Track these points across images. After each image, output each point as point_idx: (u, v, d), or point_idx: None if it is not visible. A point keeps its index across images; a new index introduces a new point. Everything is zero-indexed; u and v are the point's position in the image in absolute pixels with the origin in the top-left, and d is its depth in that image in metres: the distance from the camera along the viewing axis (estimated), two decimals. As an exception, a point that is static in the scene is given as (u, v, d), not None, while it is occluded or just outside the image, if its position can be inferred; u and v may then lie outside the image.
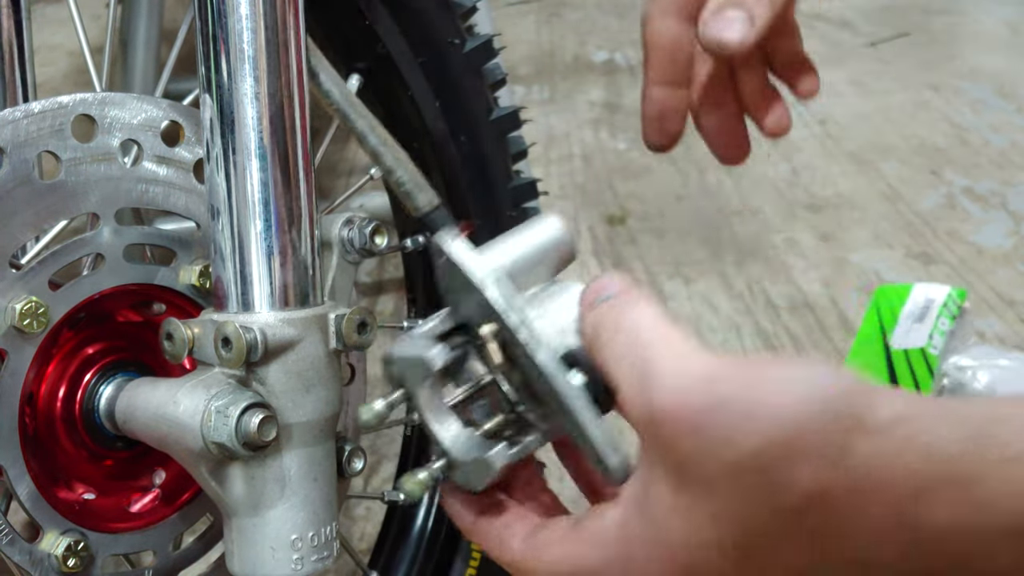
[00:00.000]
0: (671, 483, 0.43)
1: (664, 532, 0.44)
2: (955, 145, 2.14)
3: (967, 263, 1.71)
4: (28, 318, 0.54)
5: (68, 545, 0.57)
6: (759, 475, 0.40)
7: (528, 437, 0.52)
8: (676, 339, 0.44)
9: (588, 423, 0.47)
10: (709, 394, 0.41)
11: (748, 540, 0.41)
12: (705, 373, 0.42)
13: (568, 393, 0.47)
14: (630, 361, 0.44)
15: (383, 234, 0.62)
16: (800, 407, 0.40)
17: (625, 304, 0.47)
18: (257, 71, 0.54)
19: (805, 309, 1.61)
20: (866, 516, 0.39)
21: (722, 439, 0.40)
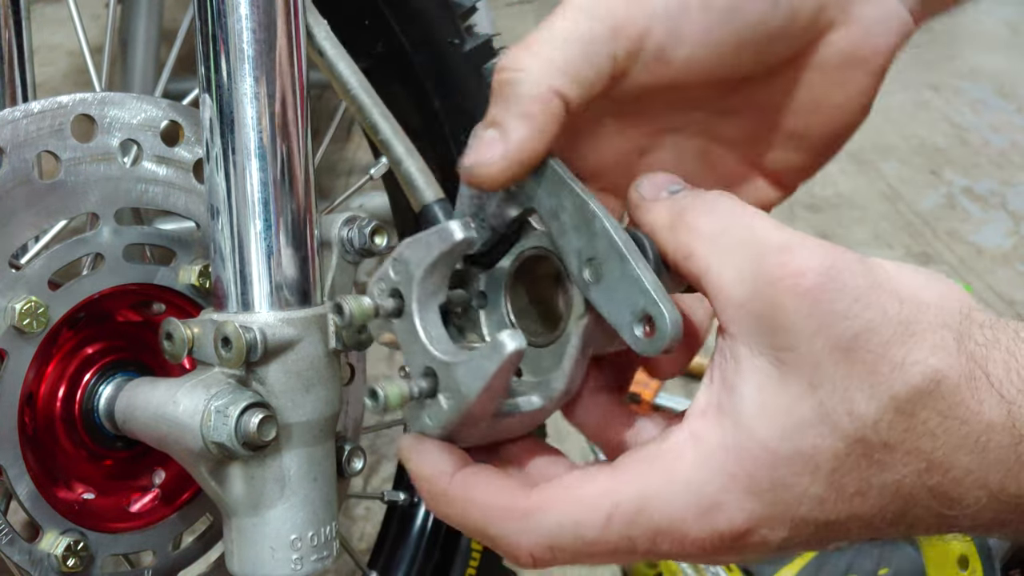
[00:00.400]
0: (771, 373, 0.40)
1: (753, 436, 0.41)
2: (955, 145, 2.14)
3: (967, 263, 1.71)
4: (28, 318, 0.54)
5: (68, 545, 0.57)
6: (874, 353, 0.39)
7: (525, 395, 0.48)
8: (783, 227, 0.42)
9: (643, 272, 0.43)
10: (829, 269, 0.40)
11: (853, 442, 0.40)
12: (822, 252, 0.40)
13: (623, 238, 0.44)
14: (736, 239, 0.42)
15: (383, 234, 0.62)
16: (920, 286, 0.40)
17: (708, 193, 0.44)
18: (257, 71, 0.54)
19: (805, 309, 1.61)
20: (981, 411, 0.39)
21: (841, 312, 0.39)
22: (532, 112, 0.45)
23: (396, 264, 0.49)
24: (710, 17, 0.46)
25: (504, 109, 0.45)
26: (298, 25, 0.55)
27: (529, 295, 0.51)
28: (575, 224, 0.45)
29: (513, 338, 0.44)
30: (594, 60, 0.45)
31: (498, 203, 0.49)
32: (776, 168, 0.54)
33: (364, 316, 0.49)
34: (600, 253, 0.44)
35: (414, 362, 0.48)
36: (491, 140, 0.45)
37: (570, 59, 0.45)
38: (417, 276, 0.48)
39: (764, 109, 0.53)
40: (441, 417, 0.47)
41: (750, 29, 0.47)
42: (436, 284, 0.49)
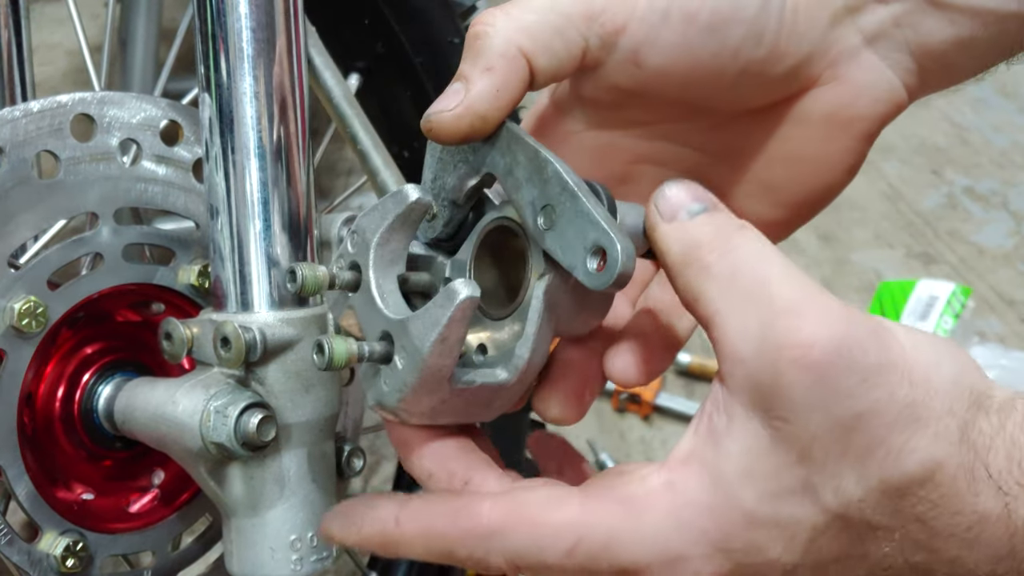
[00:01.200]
0: (762, 437, 0.39)
1: (733, 496, 0.40)
2: (956, 145, 2.14)
3: (968, 263, 1.71)
4: (27, 318, 0.54)
5: (67, 545, 0.57)
6: (874, 436, 0.37)
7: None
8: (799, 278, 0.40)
9: (594, 207, 0.43)
10: (840, 345, 0.38)
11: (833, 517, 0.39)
12: (834, 320, 0.38)
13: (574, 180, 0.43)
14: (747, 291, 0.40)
15: (383, 234, 0.62)
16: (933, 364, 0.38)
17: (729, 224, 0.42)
18: (256, 70, 0.54)
19: (805, 309, 1.61)
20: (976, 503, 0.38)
21: (846, 391, 0.38)
22: (496, 67, 0.44)
23: (354, 236, 0.48)
24: (689, 30, 0.46)
25: (471, 63, 0.45)
26: (298, 24, 0.55)
27: (494, 276, 0.51)
28: (528, 176, 0.45)
29: (466, 285, 0.43)
30: (565, 35, 0.45)
31: (456, 177, 0.48)
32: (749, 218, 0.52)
33: (317, 284, 0.48)
34: (553, 197, 0.44)
35: (371, 331, 0.47)
36: (454, 92, 0.45)
37: (541, 26, 0.45)
38: (373, 243, 0.47)
39: (739, 153, 0.52)
40: (397, 380, 0.45)
41: (729, 54, 0.47)
42: (394, 251, 0.48)
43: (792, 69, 0.49)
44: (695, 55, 0.47)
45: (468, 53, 0.45)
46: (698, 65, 0.47)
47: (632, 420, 1.37)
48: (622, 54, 0.46)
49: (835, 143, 0.50)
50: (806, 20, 0.48)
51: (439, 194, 0.49)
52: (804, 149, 0.51)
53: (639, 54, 0.46)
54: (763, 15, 0.47)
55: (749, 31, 0.47)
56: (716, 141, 0.52)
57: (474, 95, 0.44)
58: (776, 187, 0.52)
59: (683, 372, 1.44)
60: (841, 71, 0.49)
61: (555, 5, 0.45)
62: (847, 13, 0.49)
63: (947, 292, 1.44)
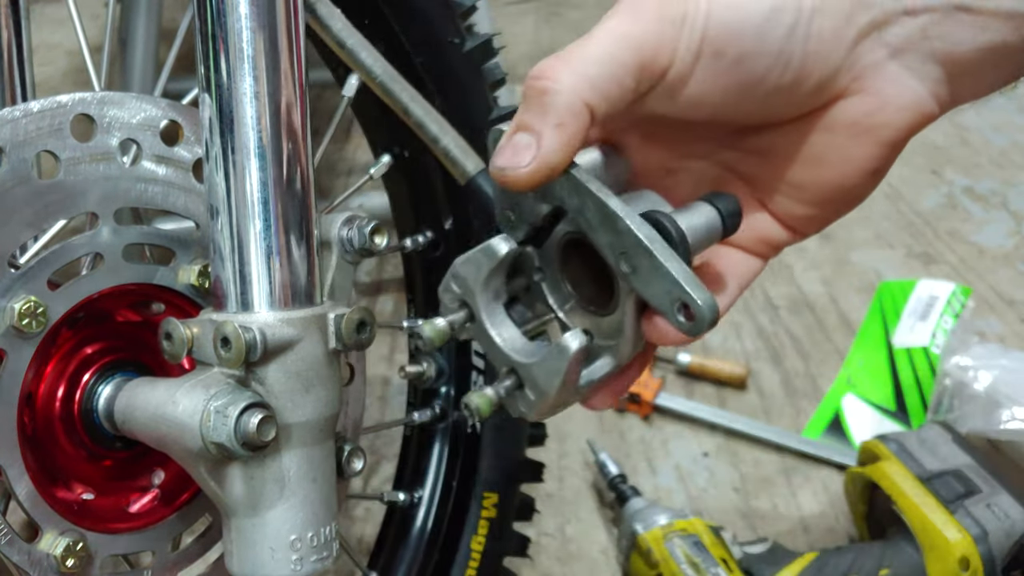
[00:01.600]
0: None
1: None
2: (956, 144, 2.14)
3: (968, 263, 1.71)
4: (27, 318, 0.54)
5: (67, 545, 0.57)
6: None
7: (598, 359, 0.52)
8: None
9: (671, 263, 0.47)
10: None
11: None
12: None
13: (646, 234, 0.47)
14: None
15: (383, 234, 0.62)
16: None
17: None
18: (256, 70, 0.54)
19: (805, 309, 1.61)
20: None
21: None
22: (566, 122, 0.47)
23: (456, 279, 0.53)
24: (719, 66, 0.49)
25: (539, 117, 0.48)
26: (298, 25, 0.55)
27: (580, 262, 0.54)
28: (600, 222, 0.48)
29: (575, 337, 0.49)
30: (622, 83, 0.48)
31: (531, 201, 0.52)
32: (781, 213, 0.56)
33: (443, 337, 0.53)
34: (629, 248, 0.47)
35: (496, 362, 0.53)
36: (526, 145, 0.48)
37: (603, 78, 0.48)
38: (477, 290, 0.53)
39: (769, 155, 0.54)
40: (532, 406, 0.52)
41: (756, 82, 0.49)
42: (495, 290, 0.54)
43: (817, 86, 0.51)
44: (723, 85, 0.50)
45: (534, 106, 0.48)
46: (728, 93, 0.50)
47: (632, 420, 1.37)
48: (661, 90, 0.50)
49: (859, 149, 0.52)
50: (831, 40, 0.49)
51: (514, 207, 0.53)
52: (830, 153, 0.53)
53: (675, 90, 0.50)
54: (788, 45, 0.49)
55: (776, 61, 0.49)
56: (748, 144, 0.54)
57: (546, 150, 0.48)
58: (803, 186, 0.54)
59: (683, 372, 1.44)
60: (867, 84, 0.51)
61: (613, 55, 0.48)
62: (873, 28, 0.50)
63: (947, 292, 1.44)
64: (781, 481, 1.26)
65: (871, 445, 1.11)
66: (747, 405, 1.40)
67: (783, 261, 1.73)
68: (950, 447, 1.08)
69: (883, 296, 1.49)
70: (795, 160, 0.54)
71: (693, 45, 0.48)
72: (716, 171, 0.56)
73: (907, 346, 1.38)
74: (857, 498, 1.12)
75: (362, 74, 0.58)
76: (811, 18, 0.49)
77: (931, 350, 1.36)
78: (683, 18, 0.48)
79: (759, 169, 0.55)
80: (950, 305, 1.42)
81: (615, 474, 1.19)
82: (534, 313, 0.55)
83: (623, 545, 1.11)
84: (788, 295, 1.64)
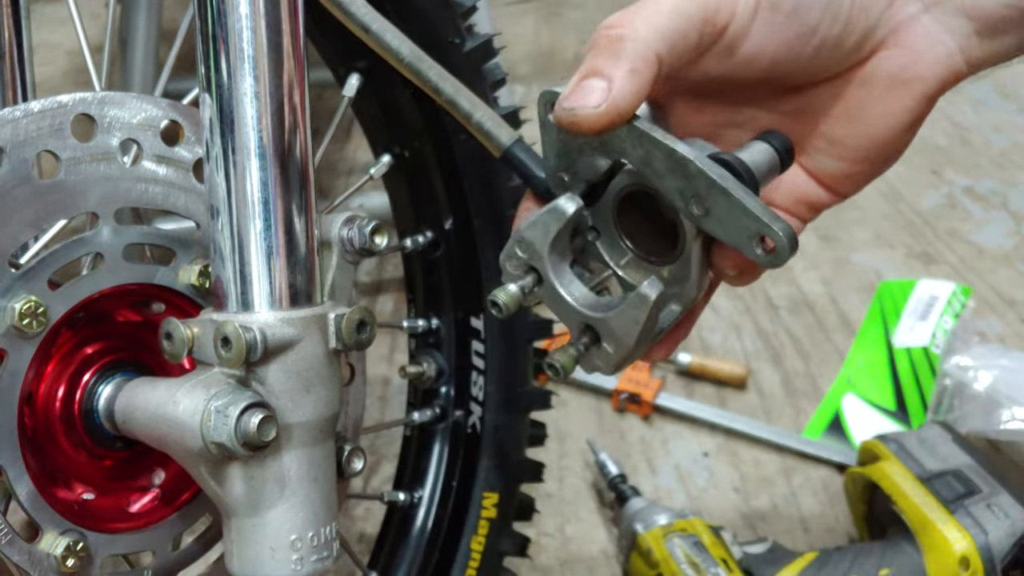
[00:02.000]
0: None
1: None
2: (956, 144, 2.14)
3: (968, 263, 1.71)
4: (27, 318, 0.54)
5: (67, 545, 0.57)
6: None
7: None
8: None
9: (748, 199, 0.48)
10: None
11: None
12: None
13: (719, 174, 0.48)
14: None
15: (383, 234, 0.62)
16: None
17: None
18: (257, 70, 0.54)
19: (805, 309, 1.61)
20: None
21: None
22: (639, 69, 0.49)
23: (521, 244, 0.53)
24: (776, 18, 0.51)
25: (612, 62, 0.49)
26: (298, 25, 0.55)
27: (636, 217, 0.54)
28: (668, 169, 0.49)
29: (652, 286, 0.50)
30: (688, 36, 0.50)
31: (587, 158, 0.52)
32: (819, 171, 0.57)
33: (517, 303, 0.53)
34: (702, 190, 0.48)
35: (569, 321, 0.54)
36: (598, 88, 0.49)
37: (672, 30, 0.49)
38: (545, 253, 0.53)
39: (810, 116, 0.56)
40: (610, 359, 0.53)
41: (809, 32, 0.51)
42: (562, 252, 0.54)
43: (860, 40, 0.53)
44: (780, 38, 0.51)
45: (608, 52, 0.49)
46: (782, 47, 0.52)
47: (632, 420, 1.37)
48: (720, 47, 0.51)
49: (895, 103, 0.54)
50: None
51: (569, 168, 0.53)
52: (866, 107, 0.55)
53: (733, 46, 0.51)
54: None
55: (827, 10, 0.51)
56: (788, 105, 0.56)
57: (618, 94, 0.48)
58: (841, 142, 0.56)
59: (683, 372, 1.44)
60: (902, 37, 0.53)
61: (680, 7, 0.50)
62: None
63: (947, 292, 1.44)
64: (781, 481, 1.26)
65: (871, 445, 1.11)
66: (747, 405, 1.40)
67: (783, 261, 1.73)
68: (950, 447, 1.08)
69: (883, 296, 1.49)
70: (834, 116, 0.55)
71: (752, 0, 0.50)
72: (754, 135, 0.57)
73: (907, 346, 1.38)
74: (857, 498, 1.12)
75: (389, 58, 0.57)
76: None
77: (931, 350, 1.36)
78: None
79: (799, 128, 0.56)
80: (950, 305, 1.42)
81: (615, 474, 1.19)
82: (591, 272, 0.56)
83: (623, 545, 1.11)
84: (788, 295, 1.64)
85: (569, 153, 0.53)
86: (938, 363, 1.32)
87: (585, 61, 0.50)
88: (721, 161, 0.49)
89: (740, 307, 1.61)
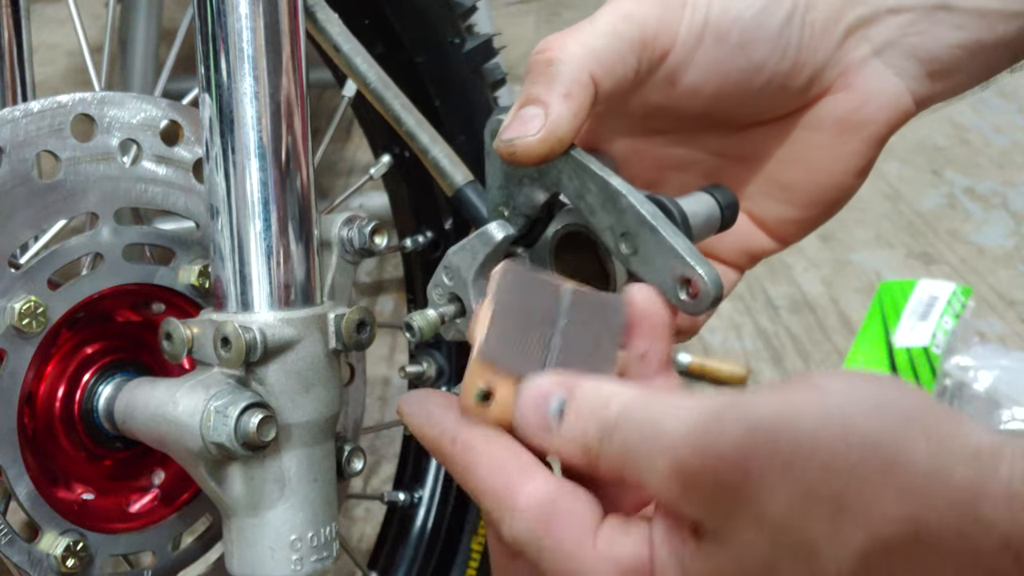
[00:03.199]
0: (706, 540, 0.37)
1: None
2: (956, 145, 2.14)
3: (968, 263, 1.71)
4: (27, 318, 0.54)
5: (67, 545, 0.57)
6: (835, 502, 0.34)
7: None
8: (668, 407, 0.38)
9: (675, 239, 0.46)
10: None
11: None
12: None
13: (649, 211, 0.46)
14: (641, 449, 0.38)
15: (383, 234, 0.62)
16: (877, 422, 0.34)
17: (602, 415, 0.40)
18: (257, 71, 0.54)
19: (805, 309, 1.61)
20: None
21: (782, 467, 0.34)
22: (573, 92, 0.47)
23: (447, 271, 0.53)
24: (721, 49, 0.49)
25: (546, 87, 0.47)
26: (298, 25, 0.55)
27: (573, 260, 0.53)
28: (601, 203, 0.48)
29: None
30: (626, 60, 0.48)
31: (526, 190, 0.51)
32: (764, 217, 0.56)
33: (433, 329, 0.52)
34: (631, 227, 0.47)
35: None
36: (533, 116, 0.47)
37: (608, 52, 0.47)
38: (469, 279, 0.52)
39: (759, 160, 0.55)
40: None
41: (755, 69, 0.50)
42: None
43: (809, 80, 0.51)
44: (725, 72, 0.50)
45: (541, 78, 0.47)
46: (727, 81, 0.50)
47: (632, 420, 1.37)
48: (661, 75, 0.49)
49: (845, 146, 0.53)
50: (822, 33, 0.50)
51: (508, 202, 0.52)
52: (816, 152, 0.53)
53: (676, 74, 0.50)
54: (786, 31, 0.49)
55: (775, 46, 0.49)
56: (735, 147, 0.54)
57: (554, 119, 0.47)
58: (790, 187, 0.54)
59: (683, 372, 1.44)
60: (851, 80, 0.52)
61: (616, 30, 0.48)
62: (860, 25, 0.51)
63: (947, 292, 1.44)
64: (781, 481, 1.26)
65: (871, 445, 1.11)
66: (747, 405, 1.40)
67: (784, 261, 1.73)
68: (950, 447, 1.08)
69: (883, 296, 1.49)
70: (782, 160, 0.54)
71: (695, 28, 0.49)
72: (701, 180, 0.55)
73: (907, 346, 1.38)
74: (857, 498, 1.12)
75: (356, 81, 0.58)
76: (805, 10, 0.50)
77: (931, 350, 1.36)
78: (684, 2, 0.49)
79: (745, 173, 0.55)
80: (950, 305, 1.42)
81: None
82: None
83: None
84: (788, 295, 1.64)
85: (510, 185, 0.52)
86: (938, 363, 1.32)
87: (522, 89, 0.49)
88: (656, 201, 0.48)
89: (740, 307, 1.61)
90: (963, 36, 0.51)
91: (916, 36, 0.51)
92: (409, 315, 0.52)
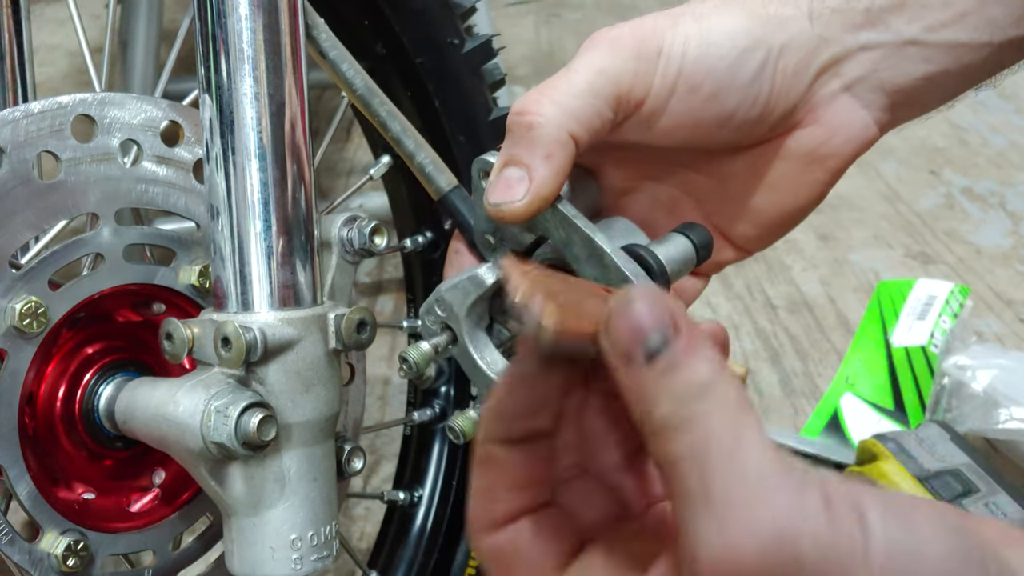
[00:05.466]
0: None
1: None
2: (954, 145, 2.14)
3: (965, 262, 1.71)
4: (28, 318, 0.54)
5: (68, 545, 0.57)
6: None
7: None
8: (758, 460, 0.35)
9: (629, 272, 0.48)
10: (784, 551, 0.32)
11: None
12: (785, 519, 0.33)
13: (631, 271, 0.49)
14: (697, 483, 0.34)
15: (382, 234, 0.62)
16: None
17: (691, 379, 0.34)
18: (257, 71, 0.54)
19: (804, 309, 1.61)
20: None
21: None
22: (554, 154, 0.49)
23: (440, 303, 0.55)
24: (694, 100, 0.51)
25: (528, 150, 0.49)
26: (298, 25, 0.55)
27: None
28: (586, 256, 0.50)
29: None
30: (602, 115, 0.50)
31: (514, 230, 0.54)
32: (731, 234, 0.59)
33: (427, 361, 0.54)
34: (615, 284, 0.49)
35: (479, 383, 0.55)
36: (517, 179, 0.49)
37: (584, 110, 0.50)
38: (462, 315, 0.54)
39: (728, 181, 0.57)
40: None
41: (727, 115, 0.52)
42: (479, 315, 0.55)
43: (779, 119, 0.54)
44: (697, 118, 0.52)
45: (522, 141, 0.50)
46: (699, 125, 0.52)
47: (631, 420, 1.37)
48: (636, 120, 0.52)
49: (811, 176, 0.56)
50: (794, 76, 0.53)
51: (496, 232, 0.54)
52: (783, 180, 0.56)
53: (650, 120, 0.52)
54: (757, 82, 0.52)
55: (746, 95, 0.52)
56: (706, 172, 0.57)
57: (539, 182, 0.49)
58: (756, 210, 0.57)
59: (682, 372, 1.45)
60: (819, 114, 0.54)
61: (593, 88, 0.50)
62: (832, 63, 0.53)
63: (945, 292, 1.45)
64: (780, 481, 1.26)
65: (869, 444, 1.11)
66: (746, 405, 1.40)
67: (782, 262, 1.74)
68: (948, 446, 1.09)
69: (881, 296, 1.49)
70: (751, 185, 0.57)
71: (668, 80, 0.51)
72: (673, 192, 0.58)
73: (905, 345, 1.38)
74: (856, 498, 1.12)
75: (343, 87, 0.58)
76: (779, 56, 0.52)
77: (929, 349, 1.36)
78: (659, 54, 0.51)
79: (716, 193, 0.57)
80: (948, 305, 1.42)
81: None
82: (509, 331, 0.56)
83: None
84: (787, 295, 1.64)
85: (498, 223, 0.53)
86: (936, 363, 1.32)
87: (503, 149, 0.51)
88: (637, 256, 0.51)
89: (739, 307, 1.61)
90: (930, 68, 0.53)
91: (885, 70, 0.53)
92: (404, 350, 0.54)
